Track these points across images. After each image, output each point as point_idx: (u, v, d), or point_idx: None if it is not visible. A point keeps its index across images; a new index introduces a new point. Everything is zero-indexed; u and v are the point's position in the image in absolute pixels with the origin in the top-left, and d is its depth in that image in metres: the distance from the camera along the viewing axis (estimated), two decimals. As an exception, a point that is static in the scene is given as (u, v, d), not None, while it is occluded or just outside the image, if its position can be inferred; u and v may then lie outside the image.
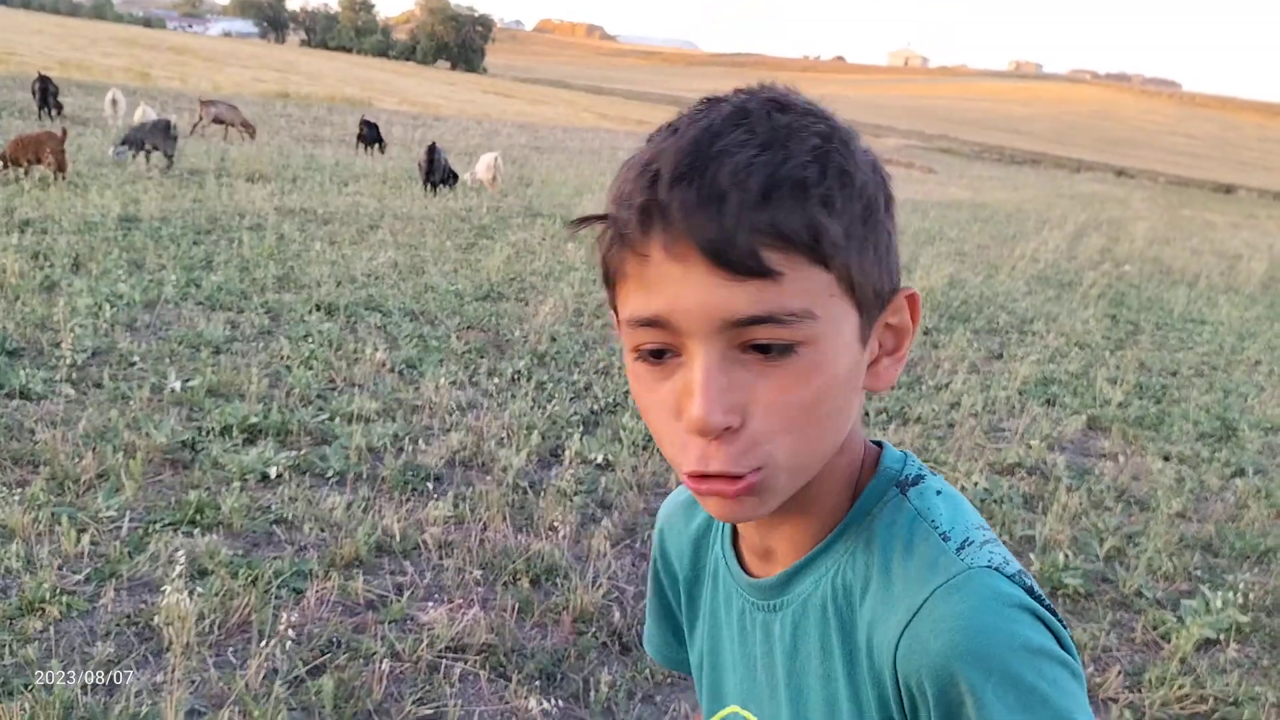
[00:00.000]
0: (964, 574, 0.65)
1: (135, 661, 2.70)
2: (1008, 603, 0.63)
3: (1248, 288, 13.35)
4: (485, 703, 2.72)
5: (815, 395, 0.65)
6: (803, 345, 0.65)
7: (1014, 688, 0.61)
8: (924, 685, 0.64)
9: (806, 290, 0.64)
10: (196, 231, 8.37)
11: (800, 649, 0.75)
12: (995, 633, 0.62)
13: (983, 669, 0.62)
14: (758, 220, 0.62)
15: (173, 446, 4.03)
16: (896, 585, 0.68)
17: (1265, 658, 3.49)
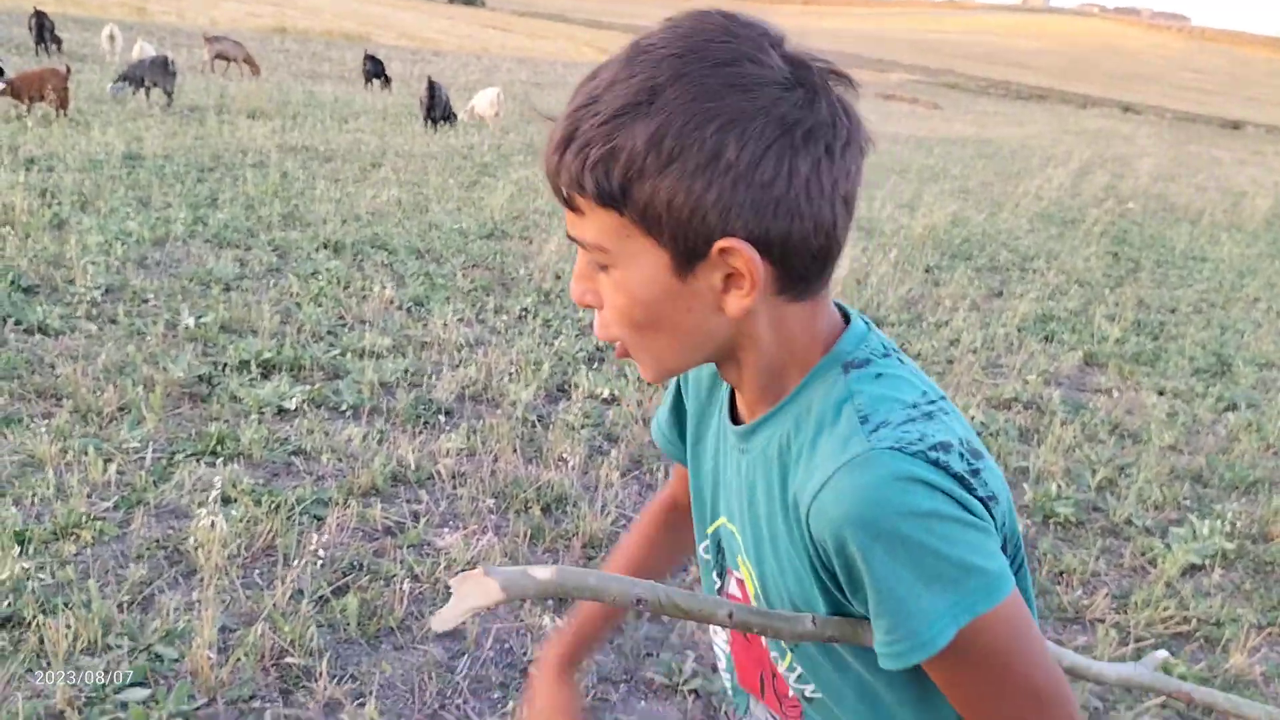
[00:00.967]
0: (866, 453, 0.75)
1: (167, 583, 2.83)
2: (900, 477, 0.74)
3: (1251, 225, 13.36)
4: (501, 620, 2.86)
5: (626, 306, 0.82)
6: (609, 267, 0.81)
7: (901, 546, 0.73)
8: (827, 545, 0.77)
9: (600, 228, 0.79)
10: (200, 169, 8.39)
11: (754, 490, 0.89)
12: (884, 504, 0.73)
13: (871, 533, 0.74)
14: (560, 166, 0.78)
15: (190, 380, 4.13)
16: (817, 457, 0.79)
17: (1248, 582, 3.62)
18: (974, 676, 0.79)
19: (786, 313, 0.83)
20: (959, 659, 0.77)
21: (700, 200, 0.75)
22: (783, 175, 0.75)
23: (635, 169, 0.75)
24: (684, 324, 0.82)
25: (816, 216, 0.78)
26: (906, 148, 18.24)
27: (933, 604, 0.74)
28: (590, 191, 0.77)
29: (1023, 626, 0.78)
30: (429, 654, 2.68)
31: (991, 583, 0.75)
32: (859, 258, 7.62)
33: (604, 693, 2.63)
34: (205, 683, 2.43)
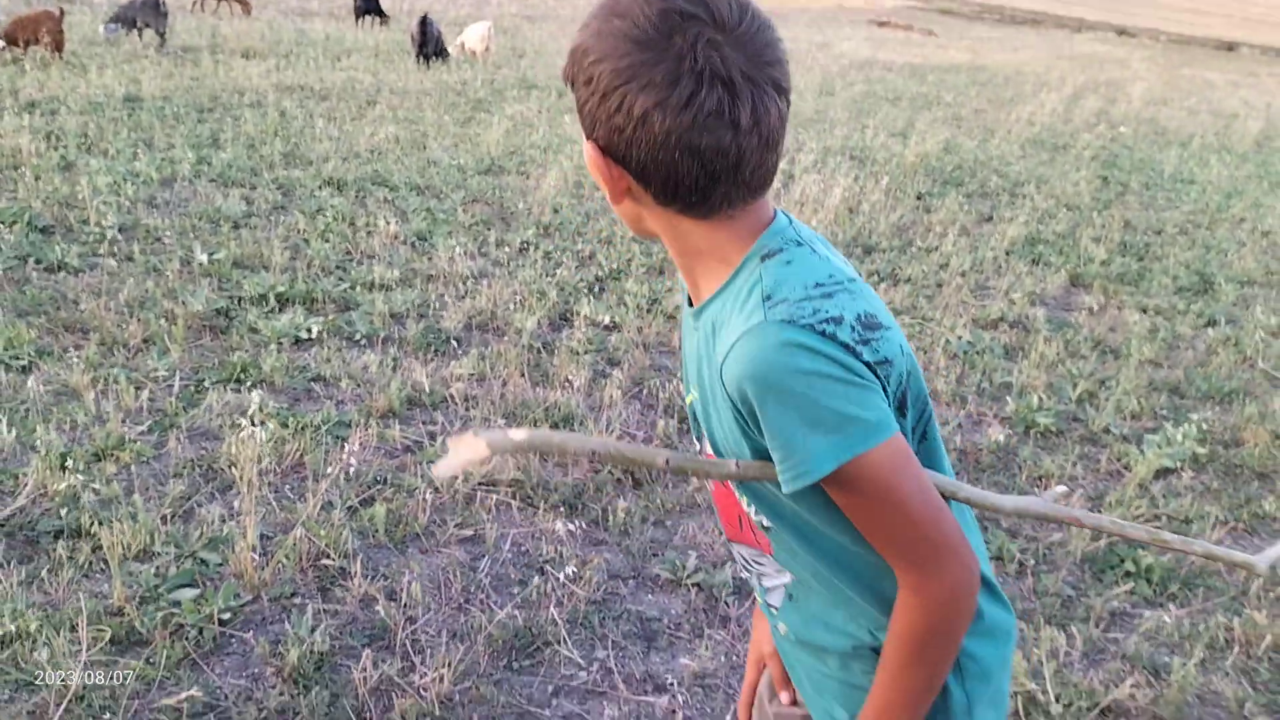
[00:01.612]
0: (761, 324, 0.96)
1: (205, 497, 3.05)
2: (787, 343, 0.94)
3: (1241, 147, 13.43)
4: (517, 526, 3.08)
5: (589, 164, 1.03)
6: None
7: (786, 395, 0.94)
8: (735, 395, 0.99)
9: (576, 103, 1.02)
10: (199, 110, 8.47)
11: (701, 362, 1.09)
12: (772, 364, 0.94)
13: (762, 386, 0.95)
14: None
15: (209, 314, 4.31)
16: (731, 329, 1.00)
17: (1217, 482, 3.85)
18: (864, 503, 1.00)
19: (686, 227, 1.04)
20: (850, 487, 0.98)
21: (585, 106, 0.99)
22: (623, 109, 0.95)
23: (575, 69, 1.00)
24: (624, 206, 1.04)
25: (653, 151, 0.96)
26: (900, 76, 18.19)
27: (816, 444, 0.95)
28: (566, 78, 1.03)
29: (902, 468, 0.99)
30: (453, 556, 2.90)
31: (870, 429, 0.95)
32: (850, 186, 7.75)
33: (614, 588, 2.85)
34: (249, 582, 2.65)
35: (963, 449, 3.86)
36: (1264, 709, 2.62)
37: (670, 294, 5.16)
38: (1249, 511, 3.62)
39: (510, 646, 2.57)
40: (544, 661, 2.55)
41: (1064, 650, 2.75)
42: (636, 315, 4.79)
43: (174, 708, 2.23)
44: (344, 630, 2.56)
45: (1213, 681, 2.71)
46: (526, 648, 2.58)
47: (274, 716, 2.26)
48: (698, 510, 3.28)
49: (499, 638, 2.58)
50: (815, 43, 23.69)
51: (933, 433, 1.12)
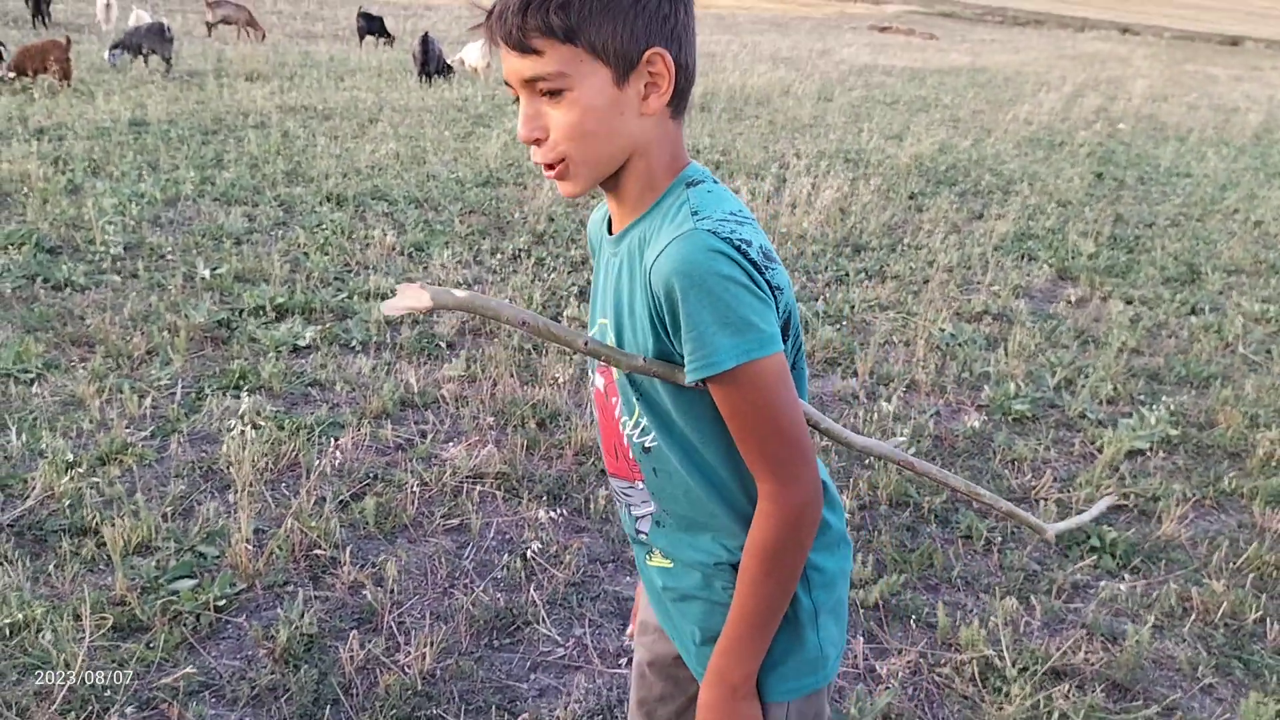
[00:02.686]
0: (691, 231, 1.11)
1: (204, 495, 3.19)
2: (711, 248, 1.10)
3: (1239, 140, 13.49)
4: (502, 515, 3.21)
5: (579, 118, 1.15)
6: (566, 91, 1.14)
7: (706, 293, 1.09)
8: (660, 295, 1.13)
9: (560, 59, 1.12)
10: (204, 132, 8.67)
11: (620, 278, 1.24)
12: (696, 263, 1.09)
13: (688, 281, 1.09)
14: (523, 23, 1.11)
15: (210, 325, 4.47)
16: (660, 238, 1.14)
17: (1187, 462, 3.95)
18: (745, 407, 1.14)
19: (669, 127, 1.21)
20: (734, 388, 1.13)
21: (633, 27, 1.13)
22: (672, 15, 1.15)
23: (587, 10, 1.11)
24: (617, 127, 1.17)
25: (687, 47, 1.18)
26: (899, 80, 18.31)
27: (722, 341, 1.10)
28: (557, 31, 1.11)
29: (782, 382, 1.14)
30: (439, 545, 3.04)
31: (765, 340, 1.11)
32: (842, 188, 7.88)
33: (593, 571, 2.98)
34: (244, 572, 2.80)
35: (939, 435, 3.97)
36: (1215, 671, 2.73)
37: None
38: (1216, 489, 3.72)
39: (491, 626, 2.71)
40: (523, 639, 2.68)
41: (1024, 620, 2.87)
42: (625, 317, 4.93)
43: (171, 686, 2.37)
44: (333, 614, 2.70)
45: (1167, 646, 2.82)
46: (507, 627, 2.71)
47: (265, 693, 2.40)
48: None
49: (480, 617, 2.71)
50: (816, 50, 23.85)
51: (800, 364, 1.28)
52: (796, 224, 6.90)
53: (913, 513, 3.41)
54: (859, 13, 42.31)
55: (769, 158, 9.37)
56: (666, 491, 1.30)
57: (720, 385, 1.14)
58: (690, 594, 1.33)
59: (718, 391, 1.15)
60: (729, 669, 1.22)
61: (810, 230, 6.79)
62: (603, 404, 1.36)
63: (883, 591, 2.90)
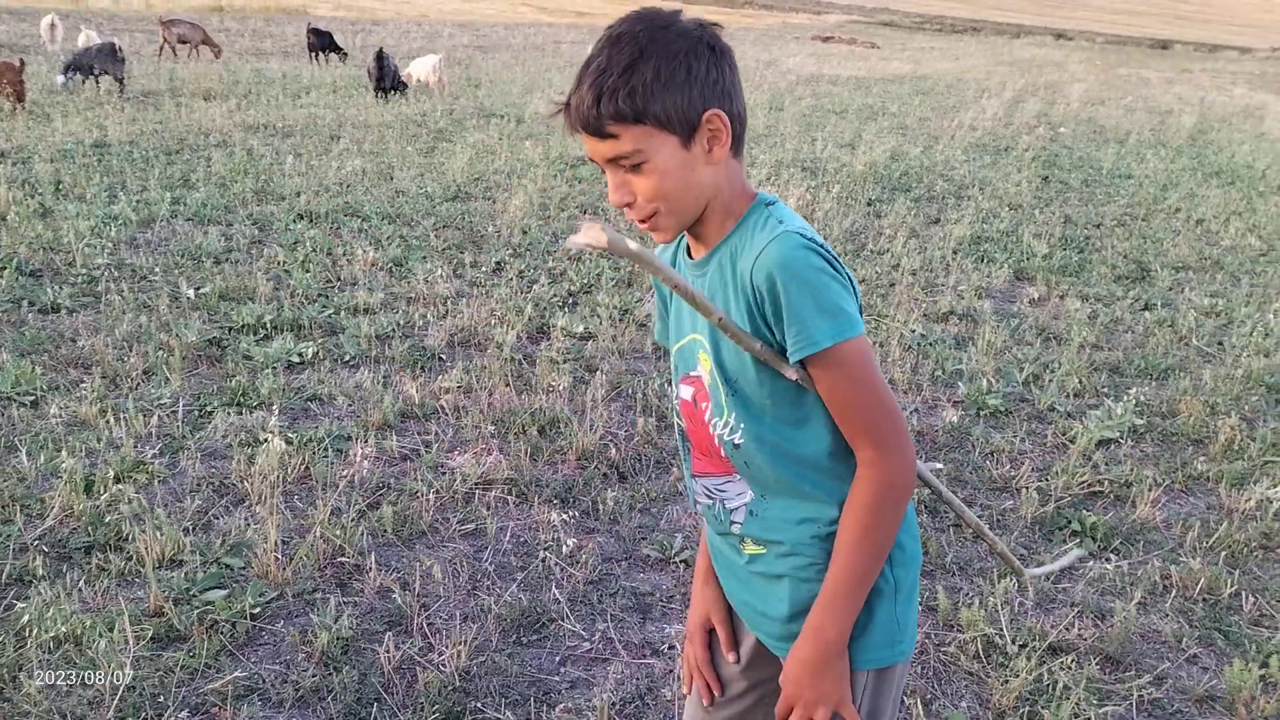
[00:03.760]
0: (784, 233, 1.29)
1: (221, 510, 3.27)
2: (803, 245, 1.28)
3: (1176, 141, 13.98)
4: (515, 519, 3.33)
5: (659, 183, 1.33)
6: (644, 163, 1.32)
7: (804, 283, 1.27)
8: (763, 288, 1.29)
9: (633, 138, 1.30)
10: (167, 153, 8.66)
11: (715, 290, 1.40)
12: (794, 258, 1.27)
13: (788, 273, 1.27)
14: (598, 114, 1.29)
15: (202, 344, 4.53)
16: (755, 244, 1.32)
17: (1155, 449, 4.17)
18: (842, 383, 1.31)
19: (733, 166, 1.38)
20: (834, 365, 1.29)
21: (690, 97, 1.30)
22: (720, 77, 1.33)
23: (650, 92, 1.28)
24: (692, 181, 1.34)
25: (737, 98, 1.36)
26: (846, 89, 18.67)
27: (821, 323, 1.27)
28: (628, 116, 1.28)
29: (871, 357, 1.32)
30: (458, 549, 3.14)
31: (854, 322, 1.29)
32: (804, 196, 8.08)
33: (609, 569, 3.10)
34: (274, 580, 2.88)
35: (920, 430, 4.15)
36: (1198, 642, 2.92)
37: (639, 304, 5.44)
38: (1184, 474, 3.95)
39: (518, 624, 2.82)
40: (550, 635, 2.79)
41: (1018, 600, 3.04)
42: (610, 325, 5.06)
43: (219, 691, 2.46)
44: (365, 618, 2.79)
45: (1153, 621, 3.01)
46: (533, 624, 2.83)
47: (310, 694, 2.49)
48: (680, 497, 3.54)
49: (507, 616, 2.82)
50: (762, 60, 24.20)
51: None
52: (764, 232, 7.07)
53: (904, 505, 3.57)
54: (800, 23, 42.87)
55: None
56: (759, 479, 1.43)
57: (821, 364, 1.30)
58: (782, 573, 1.46)
59: (818, 371, 1.31)
60: (825, 625, 1.36)
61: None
62: (691, 412, 1.49)
63: (885, 578, 3.05)
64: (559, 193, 8.12)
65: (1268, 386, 4.83)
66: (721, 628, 1.65)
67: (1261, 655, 2.83)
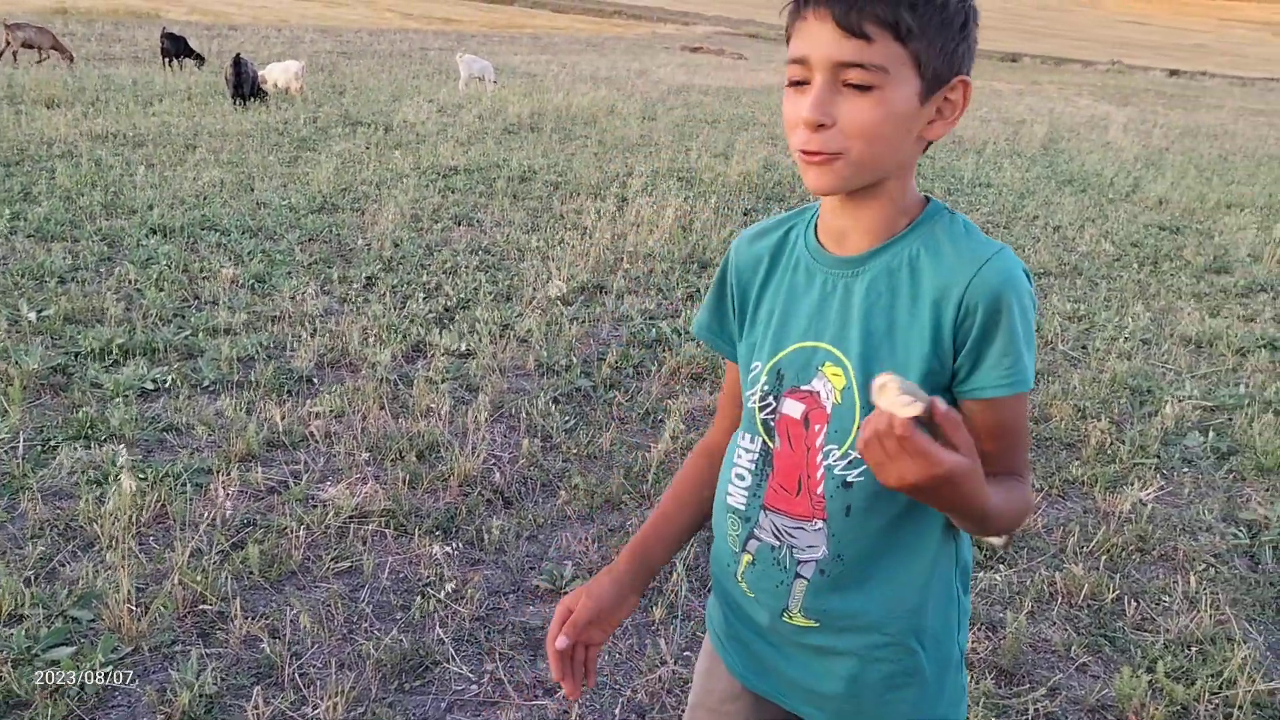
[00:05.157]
0: (1003, 250, 1.16)
1: (67, 556, 2.99)
2: (1025, 270, 1.17)
3: (1030, 150, 14.55)
4: (394, 554, 3.14)
5: (876, 119, 1.11)
6: (875, 88, 1.10)
7: (1025, 311, 1.15)
8: (979, 304, 1.14)
9: (886, 55, 1.10)
10: (5, 165, 8.07)
11: (876, 297, 1.21)
12: (1022, 281, 1.16)
13: (1015, 293, 1.14)
14: (868, 5, 1.08)
15: (45, 371, 4.18)
16: (963, 255, 1.17)
17: (1031, 455, 4.24)
18: (1017, 423, 1.20)
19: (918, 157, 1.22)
20: (1017, 404, 1.18)
21: (958, 49, 1.14)
22: (976, 43, 1.18)
23: (929, 19, 1.10)
24: (903, 140, 1.15)
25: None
26: (717, 99, 18.86)
27: (1029, 360, 1.15)
28: (900, 27, 1.09)
29: None
30: (331, 589, 2.94)
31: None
32: (681, 206, 8.06)
33: (496, 603, 2.95)
34: (128, 634, 2.63)
35: (807, 444, 4.12)
36: (1087, 650, 2.95)
37: (520, 319, 5.28)
38: (1060, 478, 4.02)
39: (399, 669, 2.64)
40: (434, 680, 2.63)
41: (912, 616, 3.02)
42: (490, 341, 4.90)
43: (64, 764, 2.22)
44: (230, 671, 2.57)
45: (1042, 630, 3.02)
46: (416, 668, 2.66)
47: (169, 761, 2.27)
48: (568, 522, 3.41)
49: (387, 662, 2.65)
50: (634, 69, 24.30)
51: None
52: (642, 242, 7.02)
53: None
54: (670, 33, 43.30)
55: (606, 178, 9.48)
56: (853, 533, 1.23)
57: (995, 407, 1.17)
58: (845, 650, 1.27)
59: (998, 407, 1.17)
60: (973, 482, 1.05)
61: (656, 249, 6.92)
62: (798, 433, 1.26)
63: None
64: (431, 204, 7.90)
65: (1131, 389, 4.99)
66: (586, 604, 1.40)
67: (1147, 661, 2.87)
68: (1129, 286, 7.15)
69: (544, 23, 43.10)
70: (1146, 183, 11.89)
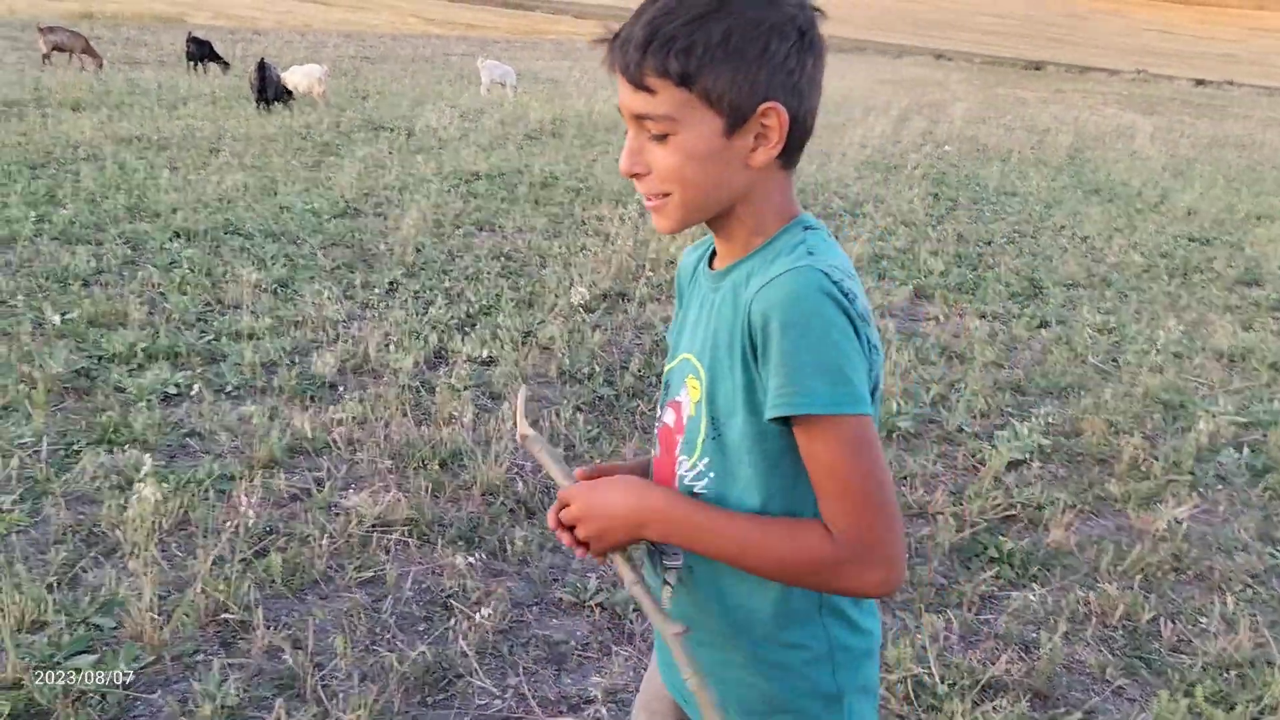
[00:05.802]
0: (805, 266, 1.09)
1: (91, 562, 2.97)
2: (823, 290, 1.07)
3: (1055, 159, 14.43)
4: (417, 564, 3.11)
5: (676, 165, 1.14)
6: (670, 135, 1.13)
7: (807, 332, 1.06)
8: (757, 321, 1.10)
9: (671, 103, 1.12)
10: (31, 166, 8.11)
11: (721, 315, 1.22)
12: (806, 300, 1.07)
13: (790, 315, 1.07)
14: (641, 59, 1.11)
15: (69, 375, 4.17)
16: (770, 270, 1.13)
17: (1063, 471, 4.18)
18: (825, 460, 1.09)
19: (779, 177, 1.20)
20: (819, 437, 1.09)
21: (754, 78, 1.10)
22: (798, 68, 1.13)
23: (709, 57, 1.09)
24: (719, 177, 1.15)
25: (810, 98, 1.16)
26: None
27: (817, 386, 1.06)
28: (673, 74, 1.09)
29: (875, 448, 1.09)
30: (354, 599, 2.91)
31: (858, 398, 1.07)
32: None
33: (519, 615, 2.92)
34: (150, 643, 2.61)
35: (834, 456, 4.07)
36: (1123, 672, 2.88)
37: (542, 326, 5.25)
38: (1093, 495, 3.95)
39: (422, 683, 2.61)
40: (457, 694, 2.59)
41: (943, 634, 2.96)
42: (512, 348, 4.87)
43: (85, 776, 2.19)
44: (252, 682, 2.54)
45: (1077, 651, 2.96)
46: (438, 682, 2.62)
47: (190, 774, 2.24)
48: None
49: (410, 675, 2.61)
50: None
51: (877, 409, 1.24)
52: (665, 249, 6.98)
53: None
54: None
55: (628, 184, 9.43)
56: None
57: (806, 430, 1.09)
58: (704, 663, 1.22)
59: (802, 435, 1.10)
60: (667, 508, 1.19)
61: (667, 260, 6.87)
62: (667, 441, 1.30)
63: (809, 616, 2.94)
64: (453, 209, 7.88)
65: (1164, 404, 4.91)
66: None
67: (1185, 684, 2.80)
68: (1159, 298, 7.06)
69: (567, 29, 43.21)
70: (1175, 193, 11.77)
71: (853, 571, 1.10)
